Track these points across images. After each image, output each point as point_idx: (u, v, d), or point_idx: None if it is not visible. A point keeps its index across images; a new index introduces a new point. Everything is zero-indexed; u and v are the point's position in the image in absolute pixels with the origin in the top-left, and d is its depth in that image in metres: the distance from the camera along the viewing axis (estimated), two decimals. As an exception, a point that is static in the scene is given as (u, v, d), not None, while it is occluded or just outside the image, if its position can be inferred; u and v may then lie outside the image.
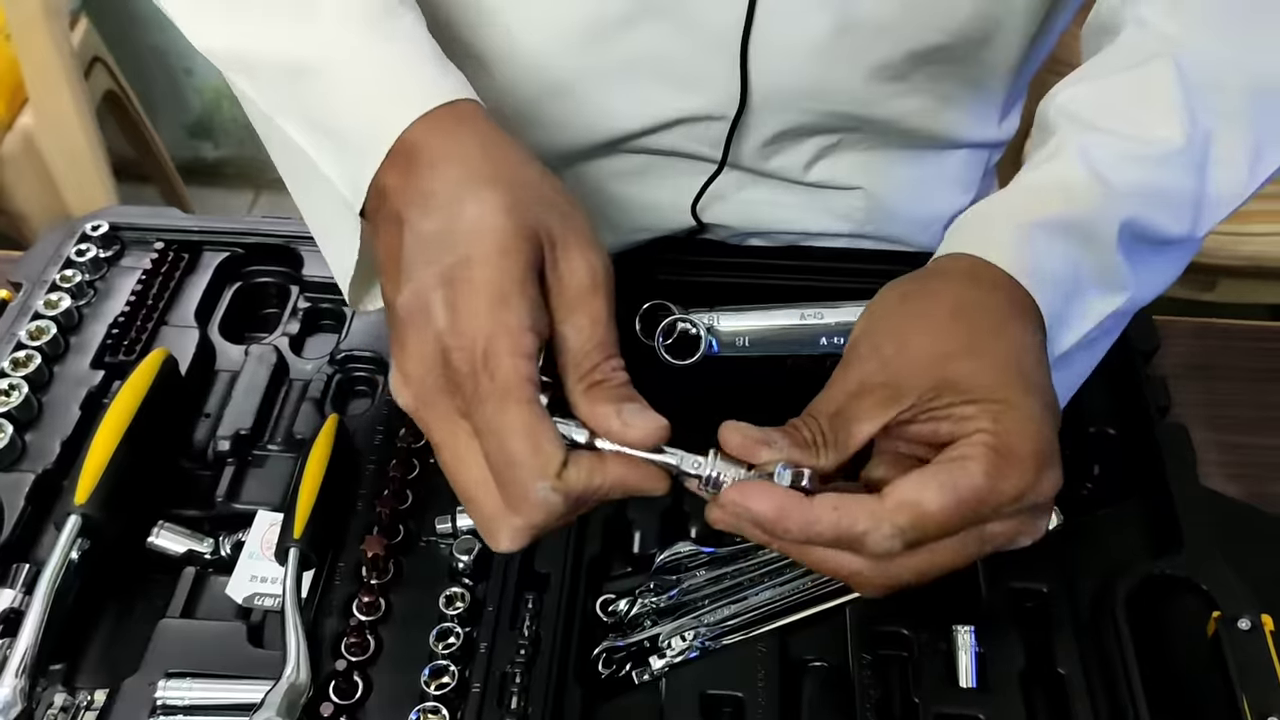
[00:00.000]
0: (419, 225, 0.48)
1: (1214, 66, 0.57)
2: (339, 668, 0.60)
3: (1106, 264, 0.55)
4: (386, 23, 0.54)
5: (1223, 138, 0.57)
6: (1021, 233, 0.53)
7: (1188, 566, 0.64)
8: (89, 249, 0.80)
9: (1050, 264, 0.53)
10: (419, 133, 0.50)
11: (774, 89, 0.70)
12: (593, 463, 0.47)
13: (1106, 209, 0.55)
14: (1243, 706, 0.59)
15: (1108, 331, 0.59)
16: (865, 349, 0.51)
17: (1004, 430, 0.47)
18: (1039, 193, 0.56)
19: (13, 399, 0.70)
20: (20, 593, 0.62)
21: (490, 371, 0.45)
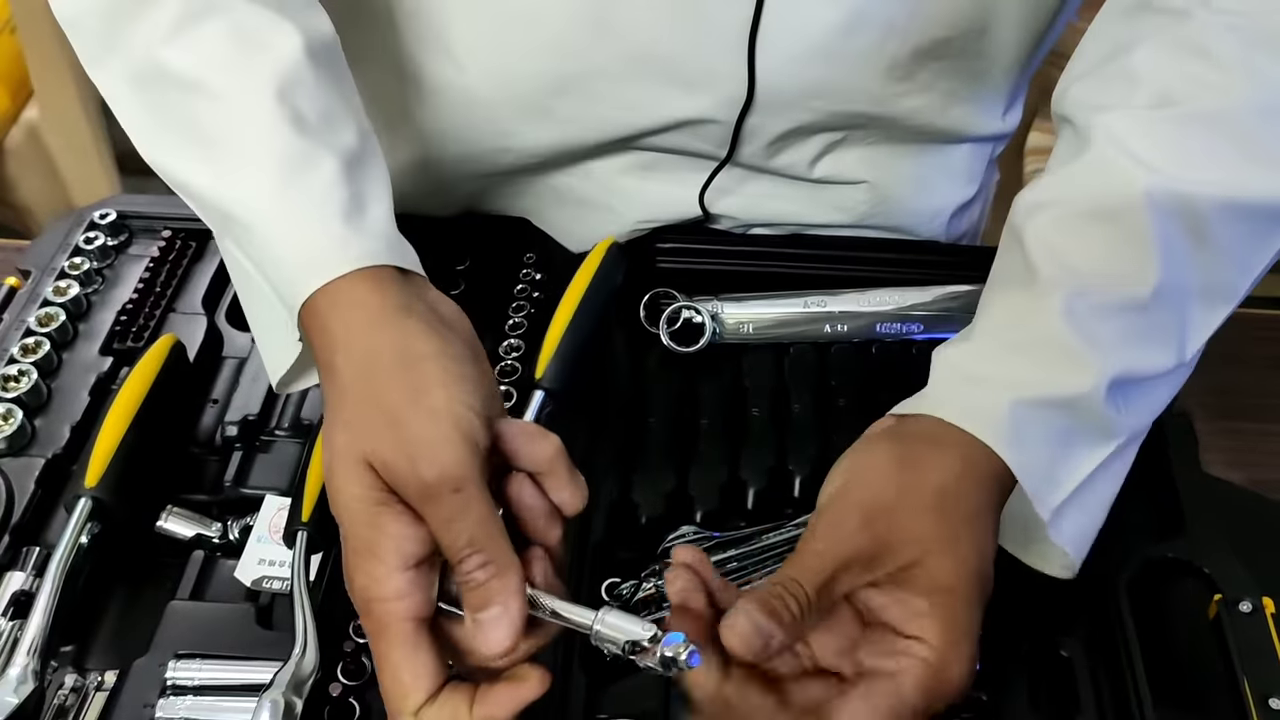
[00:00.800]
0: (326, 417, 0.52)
1: (1186, 188, 0.55)
2: (347, 649, 0.60)
3: (1094, 424, 0.55)
4: (301, 176, 0.55)
5: (1199, 265, 0.56)
6: (1013, 412, 0.53)
7: (1190, 550, 0.64)
8: (97, 237, 0.80)
9: (1038, 446, 0.54)
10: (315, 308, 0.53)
11: (781, 87, 0.71)
12: (457, 703, 0.48)
13: (1096, 376, 0.54)
14: (1244, 688, 0.59)
15: (1107, 468, 0.58)
16: (855, 519, 0.51)
17: (942, 646, 0.49)
18: (1022, 353, 0.55)
19: (22, 385, 0.70)
20: (31, 575, 0.62)
21: (366, 612, 0.49)
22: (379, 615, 0.48)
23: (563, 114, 0.74)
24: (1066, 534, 0.57)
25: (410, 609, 0.48)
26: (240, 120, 0.56)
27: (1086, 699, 0.60)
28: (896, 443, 0.54)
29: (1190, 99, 0.56)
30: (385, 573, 0.48)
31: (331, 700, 0.58)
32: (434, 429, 0.48)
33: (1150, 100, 0.57)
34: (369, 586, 0.48)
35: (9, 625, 0.60)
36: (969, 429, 0.53)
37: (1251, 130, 0.56)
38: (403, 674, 0.48)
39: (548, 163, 0.80)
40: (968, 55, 0.72)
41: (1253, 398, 0.80)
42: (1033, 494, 0.54)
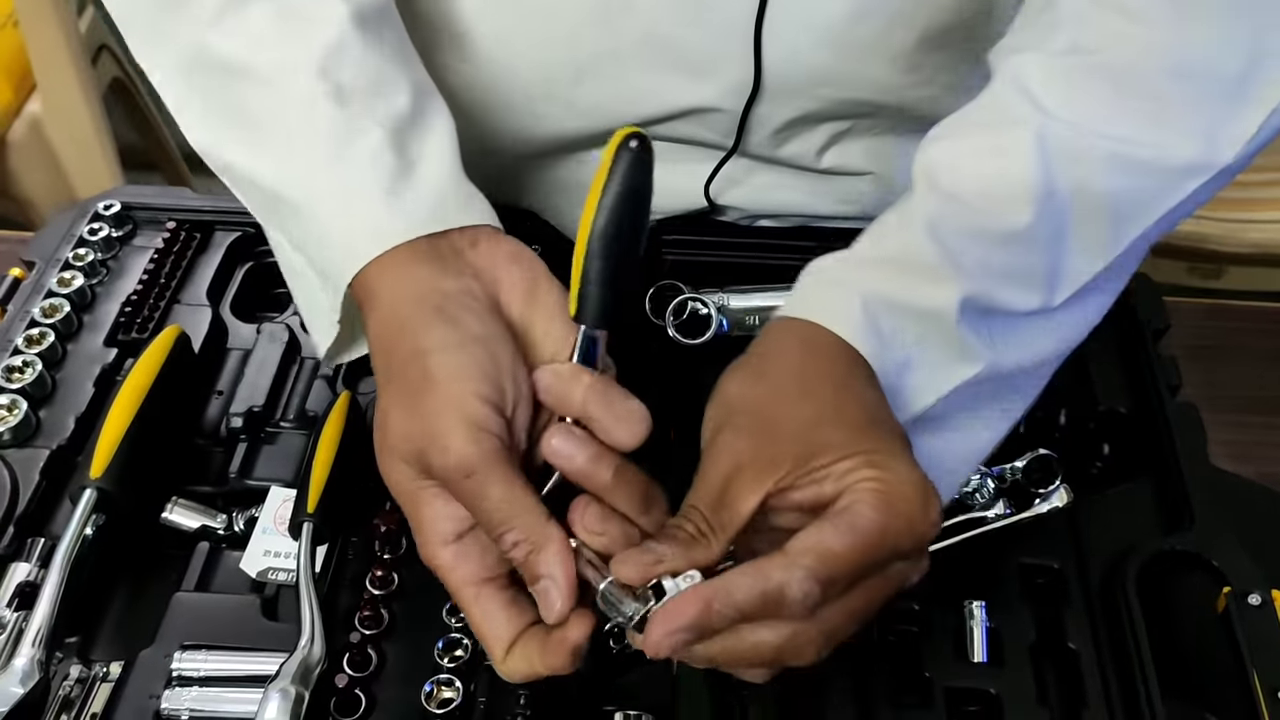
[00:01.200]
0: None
1: (1076, 140, 0.56)
2: (353, 640, 0.60)
3: (948, 337, 0.56)
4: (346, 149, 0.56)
5: (1077, 210, 0.57)
6: (865, 308, 0.54)
7: (1198, 543, 0.64)
8: (101, 228, 0.80)
9: (890, 341, 0.54)
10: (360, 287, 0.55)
11: (787, 75, 0.70)
12: (532, 651, 0.50)
13: (949, 291, 0.55)
14: (1253, 681, 0.59)
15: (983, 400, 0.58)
16: (728, 434, 0.51)
17: (885, 474, 0.48)
18: (883, 266, 0.57)
19: (27, 375, 0.70)
20: (36, 566, 0.62)
21: (439, 578, 0.51)
22: (446, 580, 0.51)
23: (570, 104, 0.74)
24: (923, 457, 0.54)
25: (466, 576, 0.50)
26: (282, 100, 0.57)
27: (1094, 692, 0.59)
28: (742, 364, 0.54)
29: (1103, 49, 0.57)
30: (433, 548, 0.51)
31: (338, 691, 0.58)
32: (439, 421, 0.49)
33: (1064, 47, 0.58)
34: (429, 558, 0.51)
35: (14, 616, 0.60)
36: (819, 320, 0.54)
37: (1159, 89, 0.56)
38: (480, 628, 0.51)
39: (554, 151, 0.79)
40: (973, 44, 0.72)
41: (1260, 391, 0.80)
42: (889, 388, 0.54)
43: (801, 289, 0.58)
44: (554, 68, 0.72)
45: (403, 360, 0.51)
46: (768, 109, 0.73)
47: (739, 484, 0.49)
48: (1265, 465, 0.74)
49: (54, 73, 1.70)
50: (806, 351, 0.54)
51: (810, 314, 0.55)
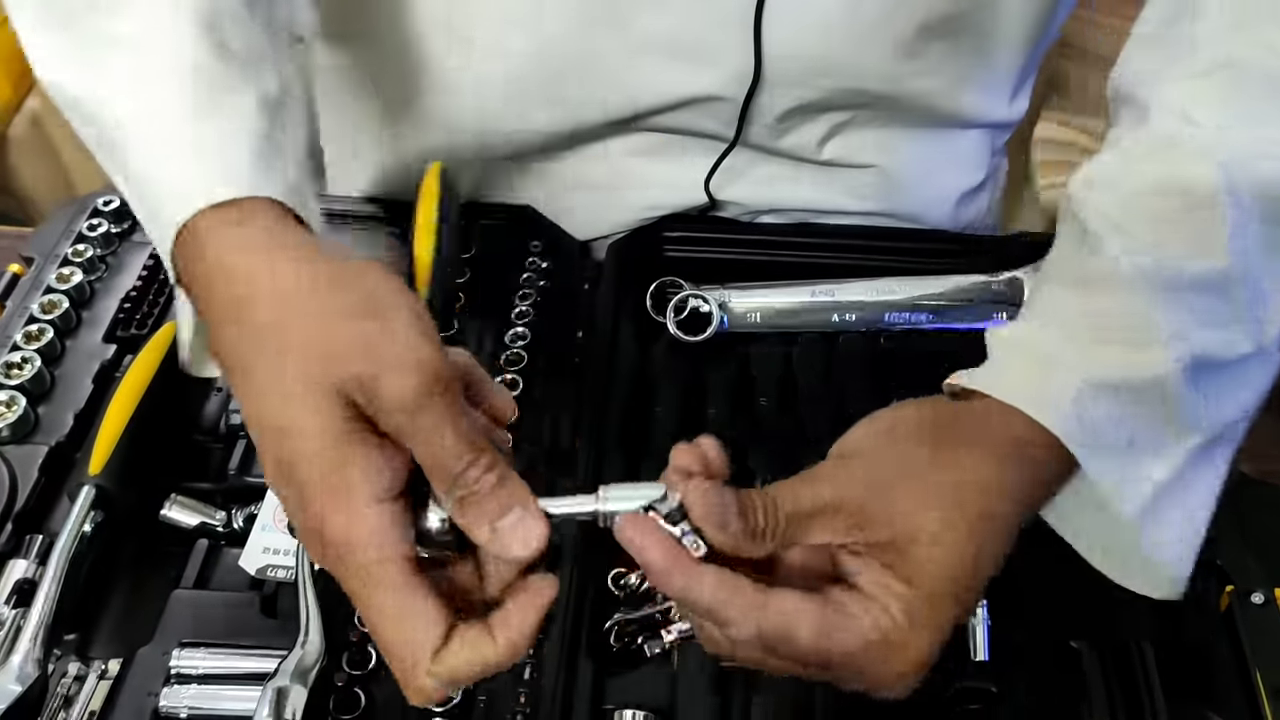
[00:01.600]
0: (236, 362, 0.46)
1: (1250, 149, 0.52)
2: (352, 638, 0.60)
3: (1176, 410, 0.51)
4: (219, 97, 0.52)
5: (1273, 233, 0.53)
6: (1080, 393, 0.49)
7: (1201, 541, 0.64)
8: (100, 224, 0.80)
9: (1101, 430, 0.50)
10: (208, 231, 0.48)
11: (787, 63, 0.70)
12: (476, 639, 0.43)
13: (1171, 354, 0.51)
14: (1256, 680, 0.59)
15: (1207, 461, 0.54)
16: (859, 471, 0.48)
17: (908, 624, 0.45)
18: (1098, 336, 0.52)
19: (26, 371, 0.70)
20: (34, 563, 0.62)
21: (346, 561, 0.43)
22: (363, 562, 0.42)
23: (570, 93, 0.74)
24: (1167, 541, 0.52)
25: (397, 547, 0.43)
26: (162, 40, 0.53)
27: (1096, 691, 0.59)
28: (934, 416, 0.50)
29: (1252, 61, 0.53)
30: (360, 510, 0.42)
31: (336, 689, 0.58)
32: (405, 336, 0.43)
33: (1207, 65, 0.54)
34: (345, 529, 0.42)
35: (12, 614, 0.60)
36: (1024, 408, 0.49)
37: None
38: (406, 623, 0.43)
39: (555, 144, 0.79)
40: (973, 34, 0.72)
41: (1263, 389, 0.80)
42: (1111, 488, 0.50)
43: (995, 356, 0.53)
44: (556, 58, 0.72)
45: (330, 281, 0.45)
46: (768, 98, 0.73)
47: (822, 524, 0.47)
48: (1269, 463, 0.74)
49: (54, 68, 1.69)
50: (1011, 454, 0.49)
51: (1019, 399, 0.50)
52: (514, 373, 0.71)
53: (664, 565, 0.44)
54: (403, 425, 0.43)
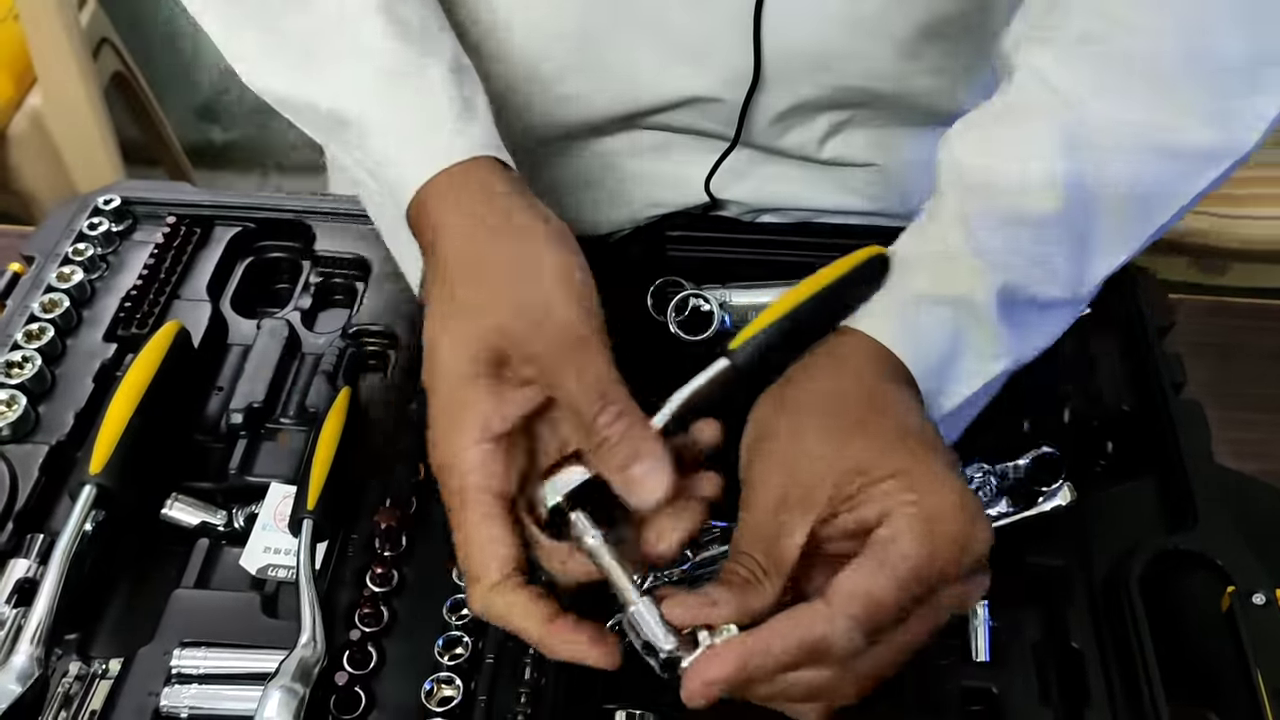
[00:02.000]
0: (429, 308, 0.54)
1: (1099, 127, 0.57)
2: (353, 638, 0.60)
3: (985, 332, 0.56)
4: (412, 79, 0.58)
5: (1104, 198, 0.57)
6: (900, 306, 0.55)
7: (1202, 541, 0.64)
8: (101, 223, 0.80)
9: (928, 336, 0.55)
10: (427, 198, 0.55)
11: (787, 62, 0.70)
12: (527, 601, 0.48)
13: (984, 278, 0.56)
14: (1257, 680, 0.59)
15: (988, 389, 0.59)
16: (762, 467, 0.51)
17: (923, 495, 0.47)
18: (919, 263, 0.57)
19: (27, 370, 0.70)
20: (35, 563, 0.62)
21: (447, 482, 0.50)
22: (459, 485, 0.49)
23: (570, 91, 0.74)
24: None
25: (489, 481, 0.49)
26: (348, 30, 0.59)
27: (1098, 691, 0.59)
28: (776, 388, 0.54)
29: (1114, 37, 0.57)
30: (465, 443, 0.49)
31: (337, 689, 0.58)
32: (550, 288, 0.50)
33: (1073, 36, 0.58)
34: (451, 455, 0.50)
35: (13, 613, 0.60)
36: (864, 329, 0.54)
37: (1172, 74, 0.57)
38: (478, 546, 0.49)
39: (554, 142, 0.79)
40: (972, 35, 0.72)
41: (1264, 389, 0.80)
42: (927, 396, 0.54)
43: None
44: (555, 57, 0.72)
45: (492, 232, 0.52)
46: (768, 97, 0.73)
47: (783, 524, 0.48)
48: (1270, 463, 0.74)
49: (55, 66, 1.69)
50: (834, 366, 0.54)
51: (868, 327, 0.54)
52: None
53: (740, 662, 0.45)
54: (538, 374, 0.49)
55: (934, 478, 0.48)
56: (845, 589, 0.46)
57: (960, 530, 0.47)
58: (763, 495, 0.50)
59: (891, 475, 0.48)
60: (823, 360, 0.54)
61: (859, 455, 0.49)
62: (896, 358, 0.54)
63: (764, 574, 0.48)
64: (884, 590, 0.46)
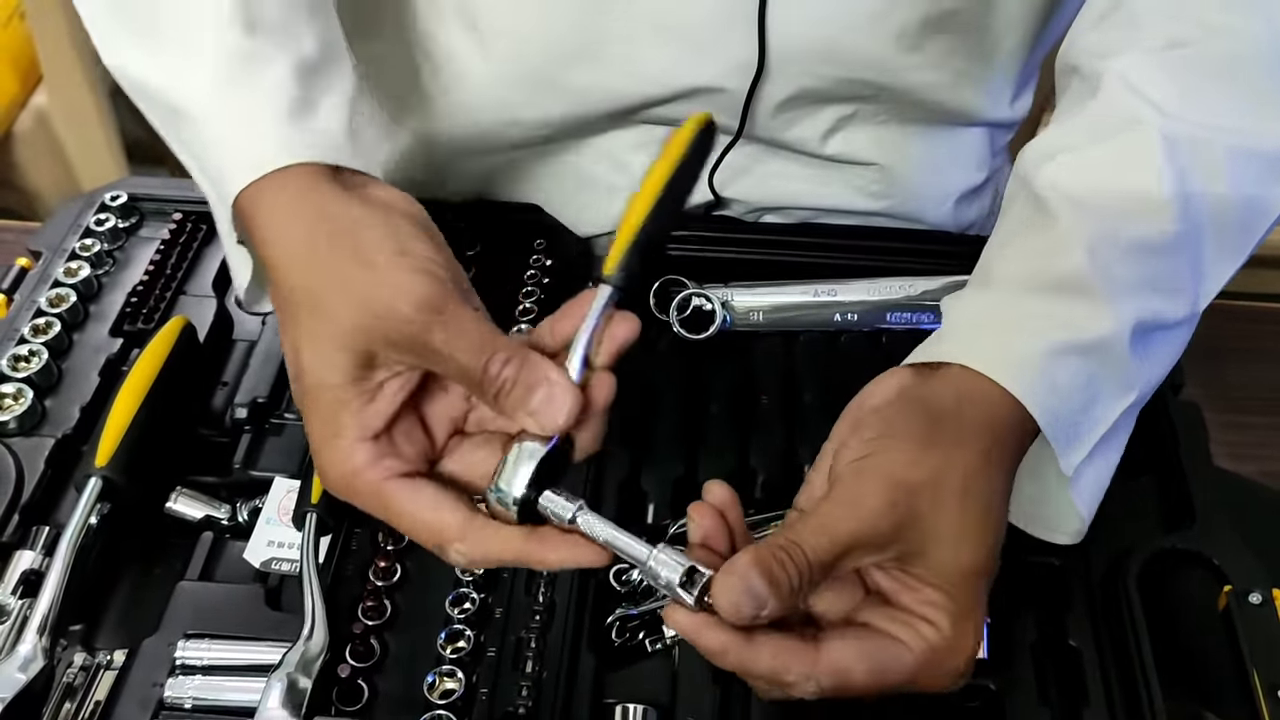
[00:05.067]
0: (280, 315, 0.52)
1: (1194, 136, 0.55)
2: (356, 630, 0.60)
3: (1119, 371, 0.55)
4: (247, 74, 0.55)
5: (1211, 213, 0.56)
6: (1041, 354, 0.52)
7: (1199, 541, 0.64)
8: (108, 219, 0.80)
9: (1067, 395, 0.53)
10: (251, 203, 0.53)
11: (791, 51, 0.71)
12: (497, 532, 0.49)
13: (1121, 320, 0.54)
14: (1253, 680, 0.59)
15: (1127, 417, 0.58)
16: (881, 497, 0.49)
17: (951, 636, 0.48)
18: (1048, 299, 0.54)
19: (33, 365, 0.70)
20: (41, 554, 0.63)
21: (353, 489, 0.50)
22: (366, 485, 0.49)
23: (573, 82, 0.74)
24: (1083, 493, 0.56)
25: (392, 468, 0.49)
26: (195, 17, 0.56)
27: (1095, 690, 0.59)
28: (923, 410, 0.52)
29: (1199, 41, 0.56)
30: (349, 446, 0.49)
31: (340, 681, 0.58)
32: (387, 271, 0.48)
33: (1158, 43, 0.57)
34: (342, 463, 0.49)
35: (19, 604, 0.60)
36: (999, 380, 0.52)
37: (1263, 77, 0.56)
38: (424, 520, 0.48)
39: (558, 136, 0.80)
40: (975, 31, 0.72)
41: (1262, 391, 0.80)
42: (1059, 448, 0.53)
43: (961, 326, 0.56)
44: (559, 46, 0.72)
45: (331, 236, 0.50)
46: (772, 87, 0.73)
47: (851, 556, 0.49)
48: (1267, 464, 0.74)
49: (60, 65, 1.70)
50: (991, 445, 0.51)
51: (979, 363, 0.52)
52: (518, 369, 0.72)
53: (719, 649, 0.48)
54: (414, 360, 0.49)
55: (972, 613, 0.49)
56: (833, 661, 0.48)
57: (956, 674, 0.49)
58: (838, 528, 0.48)
59: (945, 591, 0.49)
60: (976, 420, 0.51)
61: (943, 556, 0.49)
62: (1023, 414, 0.51)
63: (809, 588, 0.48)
64: (863, 682, 0.48)
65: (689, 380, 0.75)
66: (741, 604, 0.46)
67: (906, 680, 0.49)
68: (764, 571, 0.46)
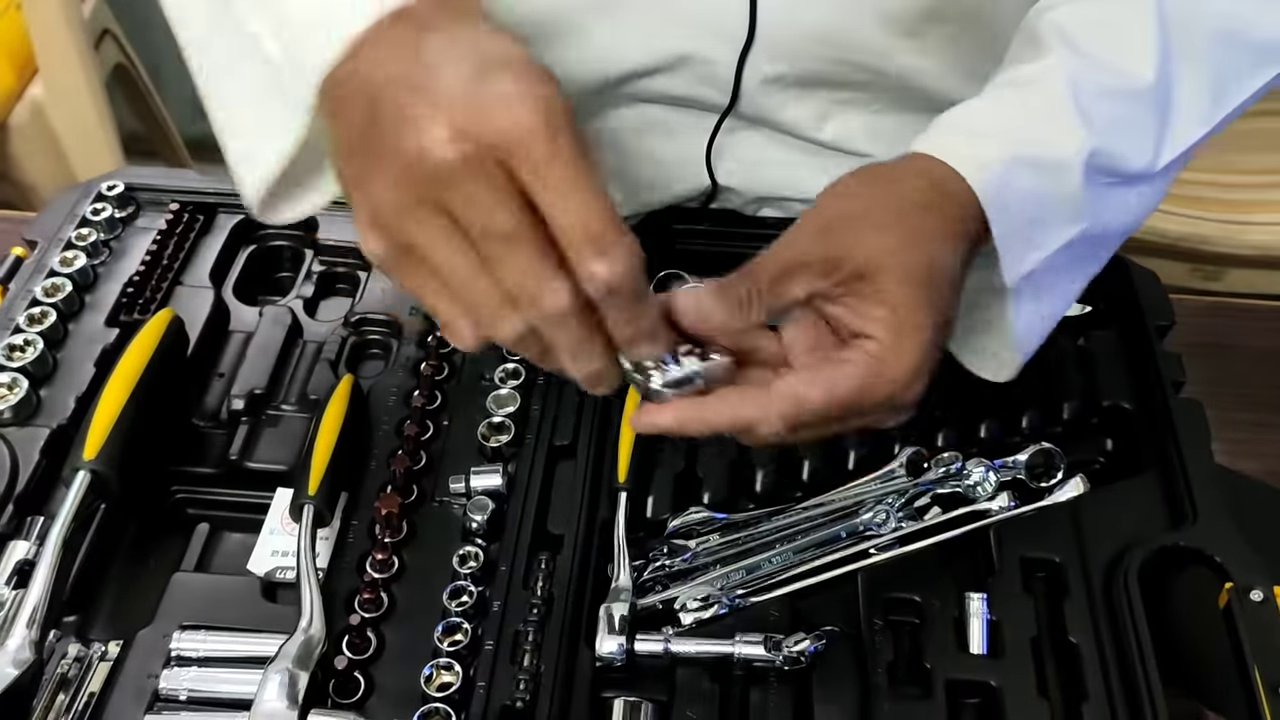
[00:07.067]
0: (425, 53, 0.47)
1: (1187, 7, 0.60)
2: (353, 623, 0.60)
3: (1068, 195, 0.58)
4: None
5: (1186, 77, 0.60)
6: (1000, 161, 0.56)
7: (1200, 538, 0.64)
8: (104, 208, 0.80)
9: (1016, 197, 0.56)
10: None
11: (782, 26, 0.70)
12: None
13: (1081, 144, 0.58)
14: (1254, 677, 0.59)
15: (1077, 262, 0.62)
16: (818, 221, 0.55)
17: (892, 346, 0.52)
18: (1025, 117, 0.59)
19: (28, 354, 0.70)
20: (34, 545, 0.62)
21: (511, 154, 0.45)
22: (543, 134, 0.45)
23: (561, 53, 0.73)
24: (1020, 324, 0.60)
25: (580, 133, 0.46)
26: None
27: (1095, 686, 0.59)
28: (874, 166, 0.57)
29: None
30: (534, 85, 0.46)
31: (337, 674, 0.58)
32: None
33: None
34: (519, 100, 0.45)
35: (13, 595, 0.60)
36: (959, 169, 0.55)
37: None
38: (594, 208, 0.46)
39: None
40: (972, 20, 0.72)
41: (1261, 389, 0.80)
42: (1003, 252, 0.56)
43: (943, 129, 0.59)
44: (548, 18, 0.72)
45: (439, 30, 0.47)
46: (762, 63, 0.73)
47: (797, 276, 0.53)
48: (1268, 462, 0.74)
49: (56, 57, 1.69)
50: (934, 184, 0.55)
51: (947, 155, 0.56)
52: (516, 361, 0.71)
53: (678, 422, 0.53)
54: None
55: (914, 336, 0.52)
56: (786, 389, 0.52)
57: (902, 386, 0.53)
58: (801, 246, 0.54)
59: (889, 306, 0.52)
60: (915, 172, 0.56)
61: (886, 268, 0.52)
62: (981, 213, 0.55)
63: (755, 303, 0.53)
64: (816, 402, 0.52)
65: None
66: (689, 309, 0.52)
67: (854, 395, 0.52)
68: (719, 285, 0.53)
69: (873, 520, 0.66)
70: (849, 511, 0.67)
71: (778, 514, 0.67)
